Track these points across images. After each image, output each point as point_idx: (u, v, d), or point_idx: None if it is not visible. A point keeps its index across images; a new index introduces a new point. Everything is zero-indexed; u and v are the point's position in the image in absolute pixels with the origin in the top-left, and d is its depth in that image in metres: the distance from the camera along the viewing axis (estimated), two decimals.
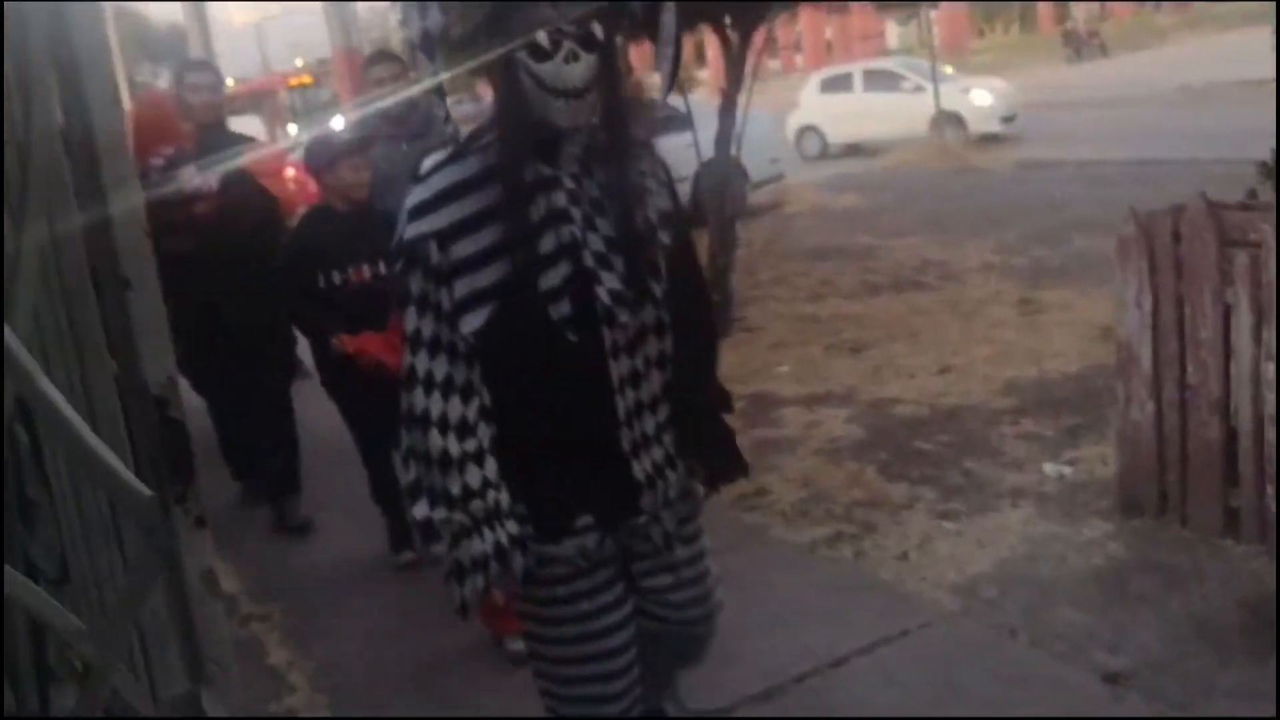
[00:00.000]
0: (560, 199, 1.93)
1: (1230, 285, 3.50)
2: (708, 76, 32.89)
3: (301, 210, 4.51)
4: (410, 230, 1.92)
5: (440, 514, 1.90)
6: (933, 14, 22.02)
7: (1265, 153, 4.43)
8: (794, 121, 19.03)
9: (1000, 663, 3.19)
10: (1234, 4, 36.82)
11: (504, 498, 1.95)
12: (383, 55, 4.98)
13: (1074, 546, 3.80)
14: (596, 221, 1.96)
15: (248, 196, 4.53)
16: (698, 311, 2.20)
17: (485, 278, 1.91)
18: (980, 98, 17.49)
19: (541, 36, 1.86)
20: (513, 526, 1.96)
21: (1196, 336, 3.62)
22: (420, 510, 1.92)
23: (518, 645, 3.44)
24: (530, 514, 2.00)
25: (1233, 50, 21.90)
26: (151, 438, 0.59)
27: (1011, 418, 5.06)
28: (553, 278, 1.92)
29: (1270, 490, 3.47)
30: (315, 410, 4.91)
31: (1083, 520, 3.98)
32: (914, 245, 9.44)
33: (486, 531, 1.93)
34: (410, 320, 1.92)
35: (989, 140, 16.79)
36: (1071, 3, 41.48)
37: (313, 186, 4.24)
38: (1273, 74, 13.29)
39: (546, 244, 1.92)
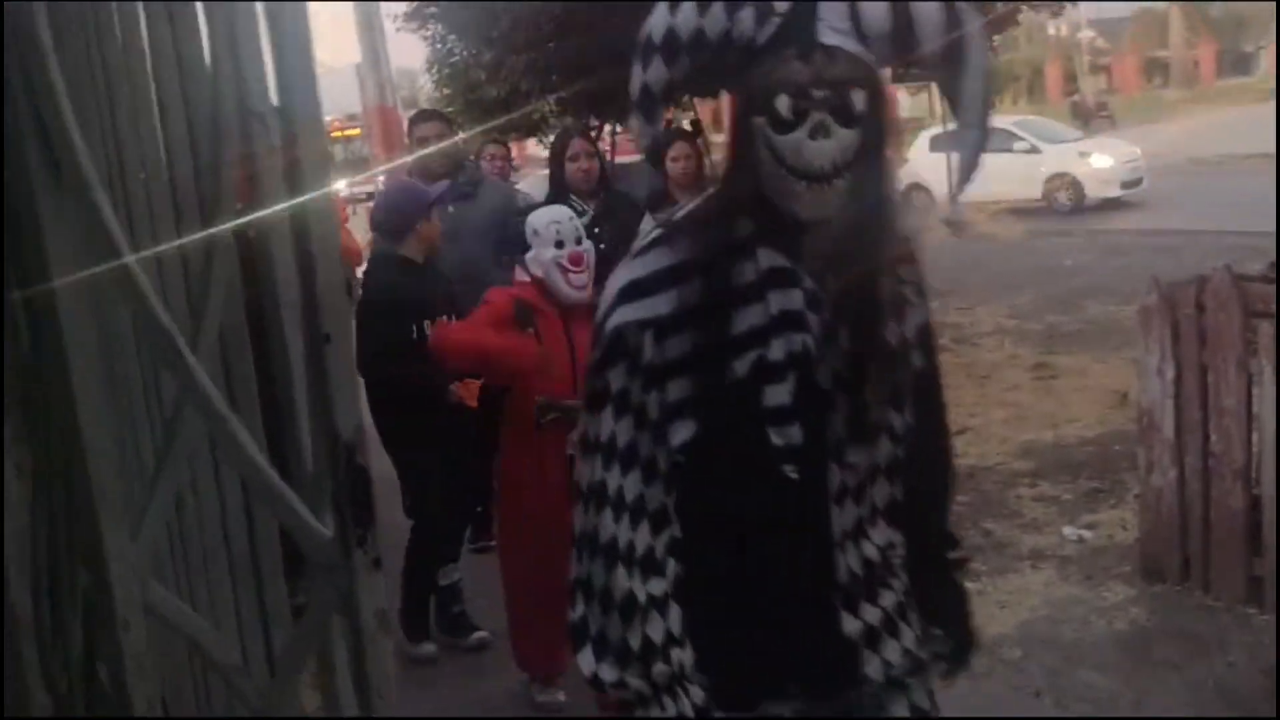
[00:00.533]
0: (796, 299, 1.54)
1: (1254, 356, 3.55)
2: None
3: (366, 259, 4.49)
4: (620, 315, 1.56)
5: (611, 674, 1.58)
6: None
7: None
8: (901, 178, 17.86)
9: None
10: (1245, 80, 37.23)
11: (688, 657, 1.57)
12: (429, 114, 5.10)
13: (1096, 610, 3.81)
14: (838, 332, 1.56)
15: None
16: (938, 449, 1.79)
17: (698, 383, 1.55)
18: (1100, 160, 16.67)
19: (783, 103, 1.46)
20: (697, 694, 1.56)
21: (1220, 405, 3.67)
22: (587, 663, 1.59)
23: (545, 697, 3.46)
24: (713, 680, 1.59)
25: (1242, 125, 22.15)
26: (341, 482, 0.64)
27: (1029, 480, 5.09)
28: (781, 394, 1.53)
29: None
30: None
31: (1104, 584, 4.00)
32: None
33: (668, 701, 1.56)
34: (605, 425, 1.57)
35: (1110, 205, 16.03)
36: (1081, 75, 42.11)
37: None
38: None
39: (775, 352, 1.53)
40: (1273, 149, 14.00)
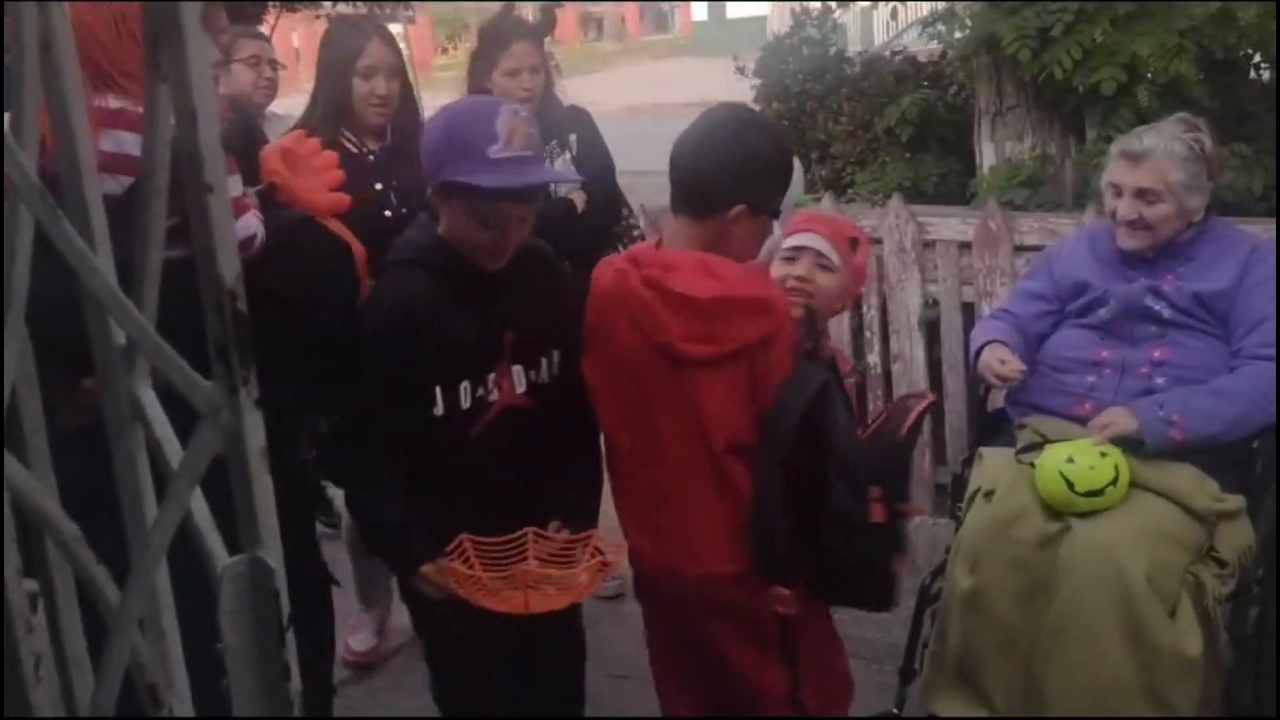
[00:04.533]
0: None
1: None
2: None
3: None
4: None
5: None
6: (401, 29, 22.52)
7: None
8: None
9: None
10: (665, 36, 41.71)
11: None
12: None
13: None
14: None
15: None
16: None
17: None
18: None
19: None
20: None
21: None
22: None
23: None
24: None
25: (668, 75, 24.90)
26: (224, 327, 0.69)
27: None
28: None
29: None
30: None
31: None
32: None
33: None
34: None
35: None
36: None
37: None
38: (700, 98, 15.41)
39: None
40: (693, 97, 16.03)
